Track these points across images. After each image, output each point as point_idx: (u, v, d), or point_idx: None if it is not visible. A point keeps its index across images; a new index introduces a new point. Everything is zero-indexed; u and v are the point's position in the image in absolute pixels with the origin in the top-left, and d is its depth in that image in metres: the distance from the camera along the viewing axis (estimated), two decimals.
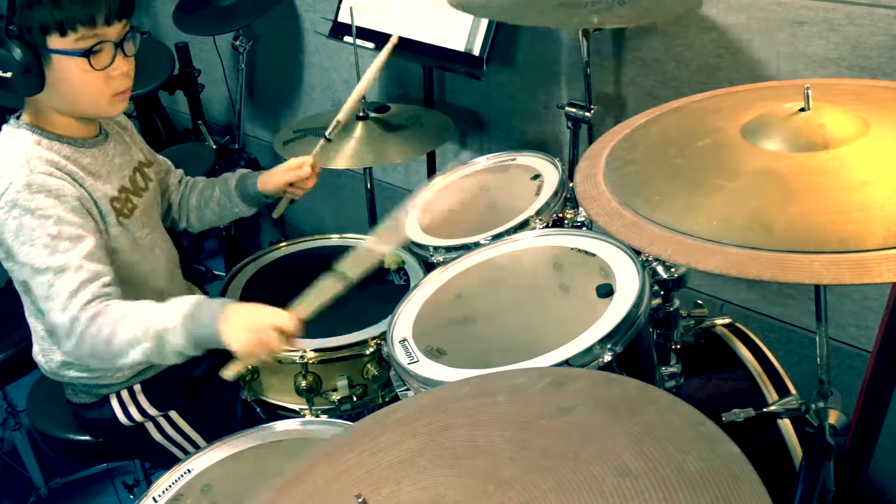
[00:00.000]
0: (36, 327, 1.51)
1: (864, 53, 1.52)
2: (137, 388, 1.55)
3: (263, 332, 1.26)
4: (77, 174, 1.37)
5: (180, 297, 1.33)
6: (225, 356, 1.44)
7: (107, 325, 1.28)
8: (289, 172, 1.63)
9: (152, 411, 1.56)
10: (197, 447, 1.58)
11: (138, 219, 1.50)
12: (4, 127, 1.39)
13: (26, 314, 1.51)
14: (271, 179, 1.64)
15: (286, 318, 1.28)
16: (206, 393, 1.63)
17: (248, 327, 1.26)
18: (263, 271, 1.82)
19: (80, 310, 1.27)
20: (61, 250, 1.28)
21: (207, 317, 1.27)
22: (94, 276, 1.30)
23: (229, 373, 1.30)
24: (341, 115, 1.63)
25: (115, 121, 1.54)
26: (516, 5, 1.61)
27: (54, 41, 1.29)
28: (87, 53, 1.31)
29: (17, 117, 1.40)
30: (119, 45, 1.35)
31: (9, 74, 1.27)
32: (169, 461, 1.59)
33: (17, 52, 1.26)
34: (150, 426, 1.58)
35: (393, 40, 1.60)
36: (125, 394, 1.55)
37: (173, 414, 1.58)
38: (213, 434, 1.55)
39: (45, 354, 1.52)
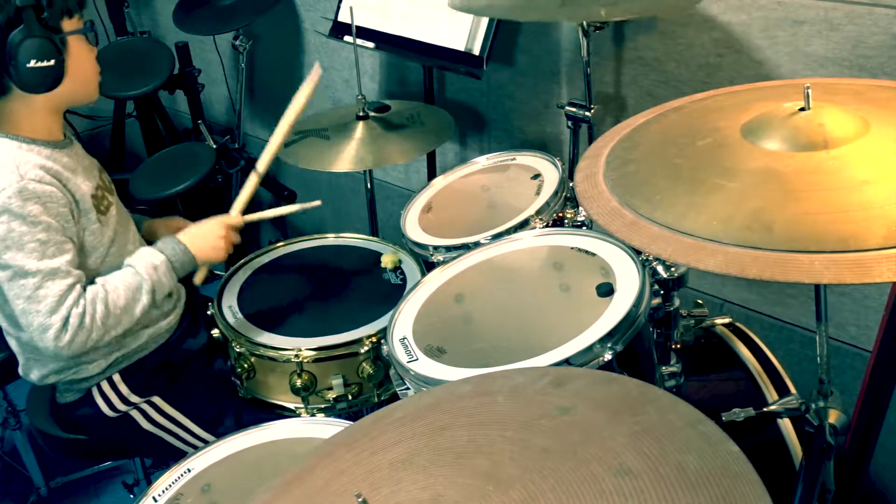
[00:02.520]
0: (12, 342, 1.53)
1: (864, 53, 1.52)
2: (117, 377, 1.56)
3: (224, 236, 1.56)
4: (62, 174, 1.41)
5: (134, 253, 1.50)
6: (203, 340, 1.69)
7: (97, 309, 1.38)
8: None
9: (134, 398, 1.57)
10: (188, 430, 1.59)
11: (114, 216, 1.53)
12: None
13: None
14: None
15: (230, 217, 1.59)
16: (187, 375, 1.65)
17: (211, 241, 1.55)
18: (262, 271, 1.82)
19: (68, 309, 1.35)
20: (49, 255, 1.35)
21: (179, 255, 1.50)
22: (78, 279, 1.39)
23: (199, 277, 1.59)
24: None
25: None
26: (519, 2, 1.59)
27: (66, 24, 1.38)
28: (92, 29, 1.43)
29: None
30: None
31: (52, 62, 1.34)
32: (164, 450, 1.60)
33: (56, 39, 1.34)
34: (136, 415, 1.58)
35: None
36: (105, 385, 1.56)
37: (157, 399, 1.59)
38: (202, 415, 1.58)
39: (27, 366, 1.54)
